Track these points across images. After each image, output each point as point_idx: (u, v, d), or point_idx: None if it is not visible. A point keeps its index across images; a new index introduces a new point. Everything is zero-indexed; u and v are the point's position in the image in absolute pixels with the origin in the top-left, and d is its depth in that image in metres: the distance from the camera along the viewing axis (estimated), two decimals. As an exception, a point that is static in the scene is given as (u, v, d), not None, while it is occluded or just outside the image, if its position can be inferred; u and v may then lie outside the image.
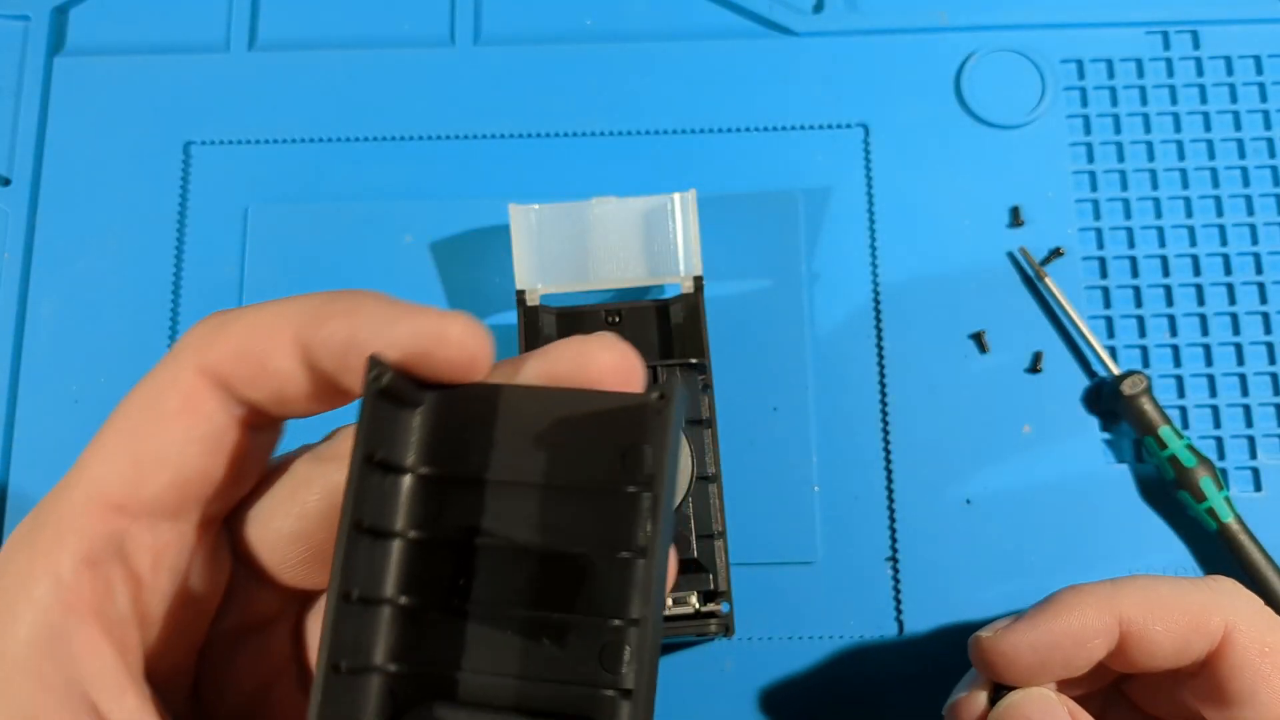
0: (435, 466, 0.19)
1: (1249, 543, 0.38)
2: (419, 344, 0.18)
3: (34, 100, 0.44)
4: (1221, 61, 0.45)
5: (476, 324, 0.19)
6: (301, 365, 0.19)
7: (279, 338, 0.19)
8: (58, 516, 0.19)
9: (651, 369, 0.36)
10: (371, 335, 0.18)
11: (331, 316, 0.19)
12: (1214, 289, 0.42)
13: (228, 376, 0.19)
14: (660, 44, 0.45)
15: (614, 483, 0.19)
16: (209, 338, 0.19)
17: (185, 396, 0.19)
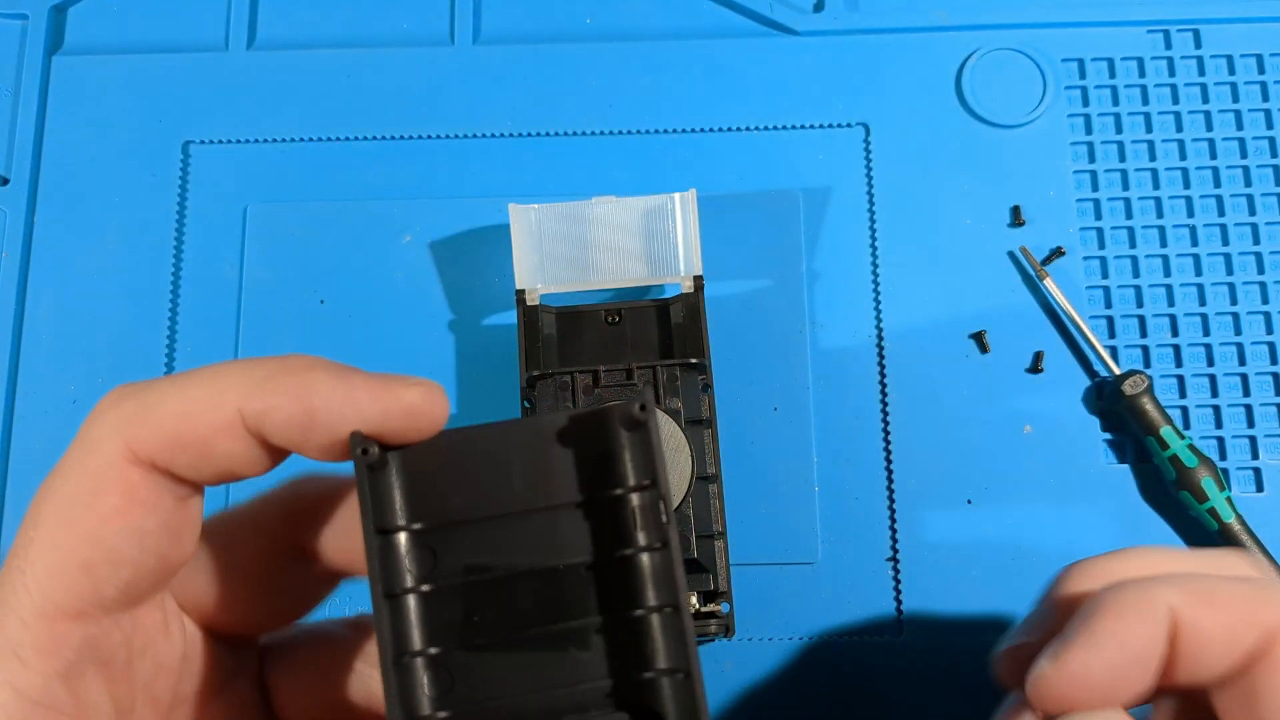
0: (422, 520, 0.19)
1: (1251, 543, 0.38)
2: (384, 418, 0.18)
3: (32, 99, 0.44)
4: (1223, 60, 0.45)
5: (432, 386, 0.19)
6: (248, 443, 0.18)
7: (222, 418, 0.18)
8: (7, 633, 0.17)
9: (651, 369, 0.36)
10: (332, 412, 0.18)
11: (282, 393, 0.18)
12: (1215, 289, 0.42)
13: (169, 463, 0.18)
14: (660, 43, 0.45)
15: (597, 492, 0.20)
16: (136, 420, 0.18)
17: (125, 491, 0.18)
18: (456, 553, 0.20)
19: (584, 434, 0.20)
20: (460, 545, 0.20)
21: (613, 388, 0.36)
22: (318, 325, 0.42)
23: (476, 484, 0.20)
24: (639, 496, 0.19)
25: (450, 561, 0.20)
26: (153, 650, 0.19)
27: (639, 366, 0.36)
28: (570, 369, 0.36)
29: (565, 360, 0.39)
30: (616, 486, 0.19)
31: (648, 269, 0.40)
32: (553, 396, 0.36)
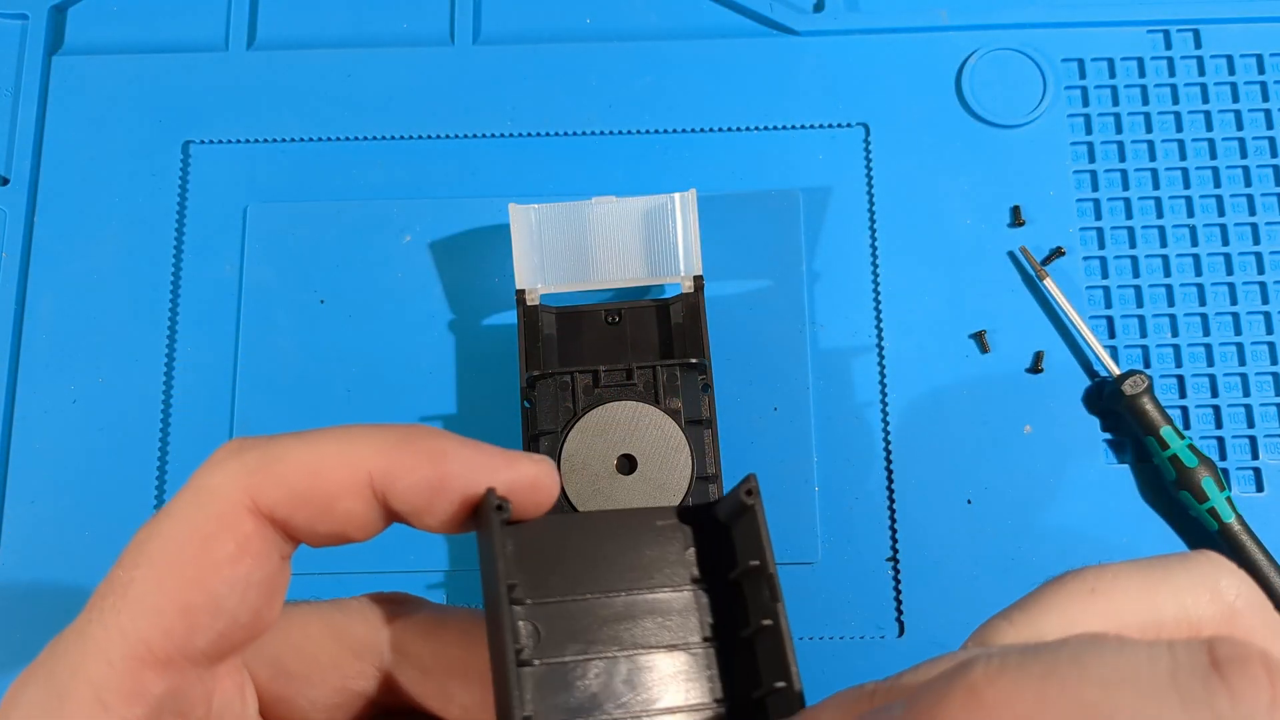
0: (530, 595, 0.20)
1: (1251, 543, 0.38)
2: (509, 489, 0.19)
3: (32, 99, 0.44)
4: (1223, 60, 0.45)
5: (551, 463, 0.20)
6: (370, 505, 0.18)
7: (350, 477, 0.18)
8: (90, 676, 0.17)
9: (651, 369, 0.36)
10: (464, 477, 0.18)
11: (416, 456, 0.18)
12: (1216, 289, 0.42)
13: (286, 518, 0.18)
14: (660, 43, 0.45)
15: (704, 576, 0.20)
16: (260, 473, 0.18)
17: (240, 541, 0.18)
18: (560, 630, 0.20)
19: (689, 520, 0.20)
20: (565, 623, 0.20)
21: (613, 388, 0.36)
22: (318, 325, 0.42)
23: (582, 565, 0.20)
24: (747, 580, 0.20)
25: (555, 639, 0.19)
26: (224, 714, 0.19)
27: (639, 366, 0.36)
28: (570, 369, 0.36)
29: (565, 360, 0.39)
30: (722, 571, 0.20)
31: (648, 269, 0.40)
32: (553, 396, 0.36)
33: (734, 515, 0.20)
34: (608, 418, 0.35)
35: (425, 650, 0.20)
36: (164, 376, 0.42)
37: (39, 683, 0.17)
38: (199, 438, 0.41)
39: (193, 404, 0.41)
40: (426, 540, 0.40)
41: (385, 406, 0.41)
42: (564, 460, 0.35)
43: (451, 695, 0.20)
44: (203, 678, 0.18)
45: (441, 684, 0.20)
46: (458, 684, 0.20)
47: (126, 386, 0.42)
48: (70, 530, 0.40)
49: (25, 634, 0.39)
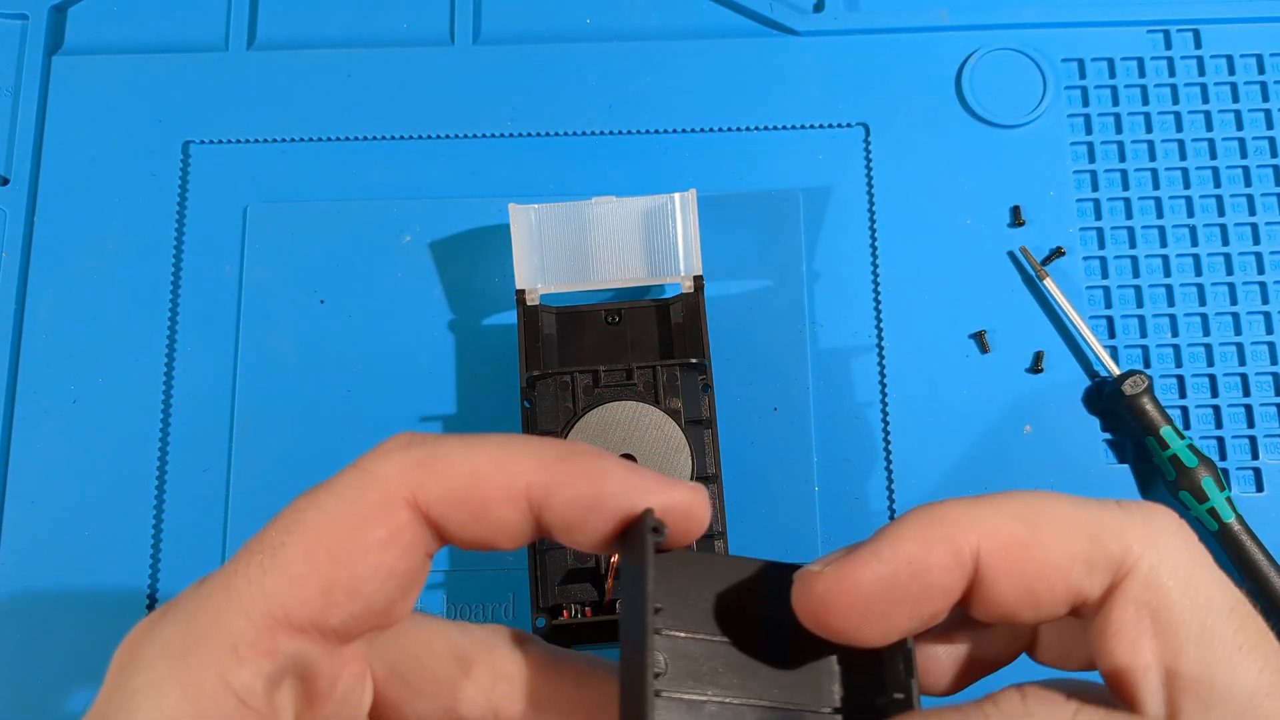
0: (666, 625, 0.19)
1: (1251, 543, 0.38)
2: (665, 513, 0.19)
3: (32, 99, 0.44)
4: (1223, 60, 0.45)
5: (705, 495, 0.20)
6: (523, 515, 0.19)
7: (509, 488, 0.18)
8: (228, 627, 0.17)
9: (651, 369, 0.36)
10: (620, 497, 0.19)
11: (576, 473, 0.19)
12: (1215, 289, 0.42)
13: (440, 517, 0.19)
14: (660, 44, 0.45)
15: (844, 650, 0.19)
16: (424, 471, 0.18)
17: (393, 531, 0.18)
18: (686, 668, 0.19)
19: None
20: (692, 662, 0.19)
21: (613, 388, 0.36)
22: (318, 325, 0.42)
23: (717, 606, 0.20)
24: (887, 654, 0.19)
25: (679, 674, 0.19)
26: (346, 702, 0.19)
27: (639, 366, 0.36)
28: (570, 369, 0.36)
29: (565, 360, 0.39)
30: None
31: (648, 269, 0.40)
32: (553, 396, 0.36)
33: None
34: (608, 418, 0.35)
35: (541, 686, 0.20)
36: (164, 376, 0.42)
37: (178, 621, 0.18)
38: (199, 438, 0.41)
39: (193, 404, 0.41)
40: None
41: (385, 406, 0.41)
42: (564, 460, 0.35)
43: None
44: (330, 654, 0.18)
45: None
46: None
47: (126, 386, 0.42)
48: (70, 530, 0.40)
49: (25, 634, 0.39)
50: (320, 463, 0.40)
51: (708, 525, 0.20)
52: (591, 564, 0.34)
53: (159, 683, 0.17)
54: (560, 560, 0.34)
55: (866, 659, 0.19)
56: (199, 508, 0.40)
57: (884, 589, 0.18)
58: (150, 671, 0.17)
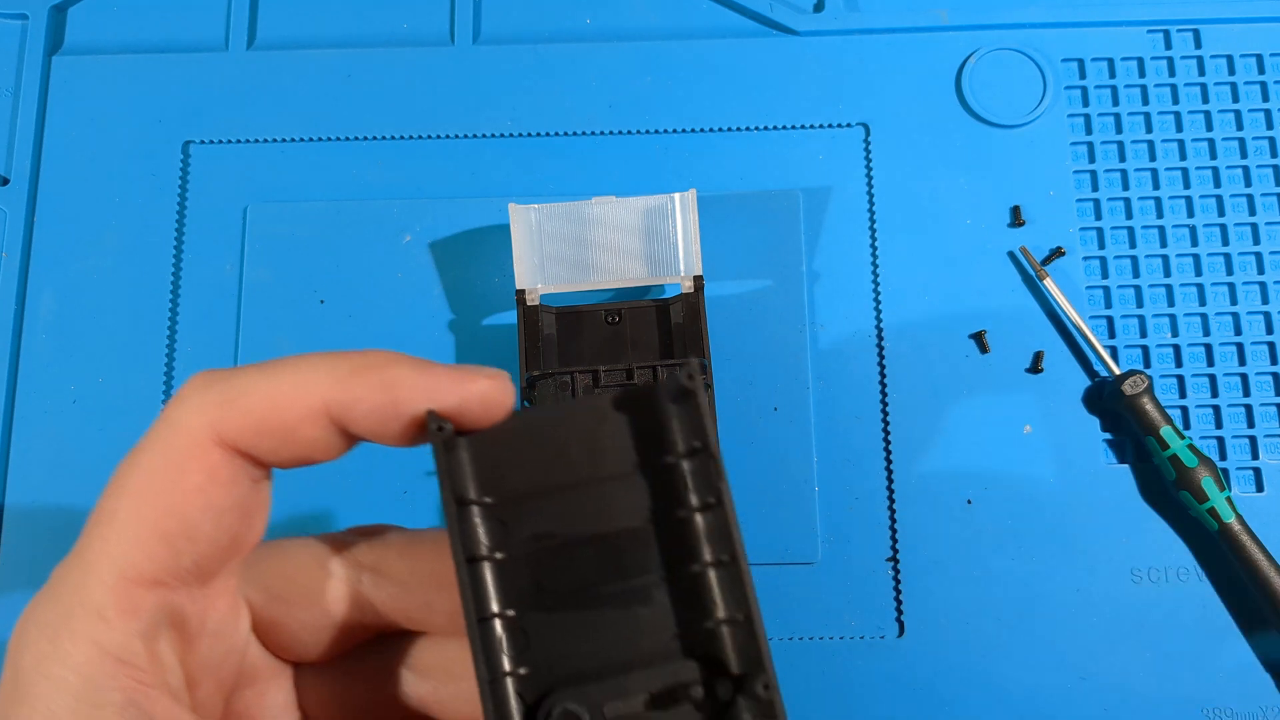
0: (491, 495, 0.21)
1: (1250, 543, 0.38)
2: (461, 405, 0.20)
3: (32, 99, 0.44)
4: (1223, 60, 0.45)
5: (502, 375, 0.20)
6: (329, 430, 0.20)
7: (307, 407, 0.19)
8: (89, 597, 0.18)
9: (652, 369, 0.36)
10: (415, 401, 0.20)
11: (369, 385, 0.19)
12: (1216, 289, 0.42)
13: (251, 447, 0.19)
14: (660, 44, 0.45)
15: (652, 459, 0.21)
16: (223, 405, 0.19)
17: (208, 471, 0.19)
18: (524, 524, 0.21)
19: (637, 408, 0.21)
20: (527, 517, 0.21)
21: (613, 388, 0.36)
22: (318, 325, 0.42)
23: (539, 461, 0.21)
24: (690, 461, 0.21)
25: (519, 532, 0.21)
26: (221, 634, 0.20)
27: (639, 366, 0.36)
28: (570, 369, 0.36)
29: (565, 360, 0.39)
30: (669, 453, 0.21)
31: (648, 269, 0.40)
32: (553, 397, 0.36)
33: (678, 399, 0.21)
34: (608, 418, 0.35)
35: (402, 567, 0.22)
36: (164, 376, 0.42)
37: (49, 600, 0.19)
38: (199, 438, 0.41)
39: (193, 404, 0.41)
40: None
41: (385, 406, 0.41)
42: (564, 460, 0.35)
43: (433, 605, 0.21)
44: (194, 596, 0.20)
45: (421, 597, 0.21)
46: (436, 594, 0.21)
47: (126, 386, 0.42)
48: (70, 530, 0.40)
49: (25, 634, 0.39)
50: (320, 463, 0.40)
51: (510, 406, 0.21)
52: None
53: (43, 660, 0.18)
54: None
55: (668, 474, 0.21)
56: (199, 508, 0.40)
57: None
58: (33, 650, 0.18)
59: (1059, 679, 0.39)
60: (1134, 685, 0.39)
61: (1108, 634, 0.39)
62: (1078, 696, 0.39)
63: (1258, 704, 0.39)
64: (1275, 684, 0.39)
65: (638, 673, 0.21)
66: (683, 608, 0.21)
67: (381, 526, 0.23)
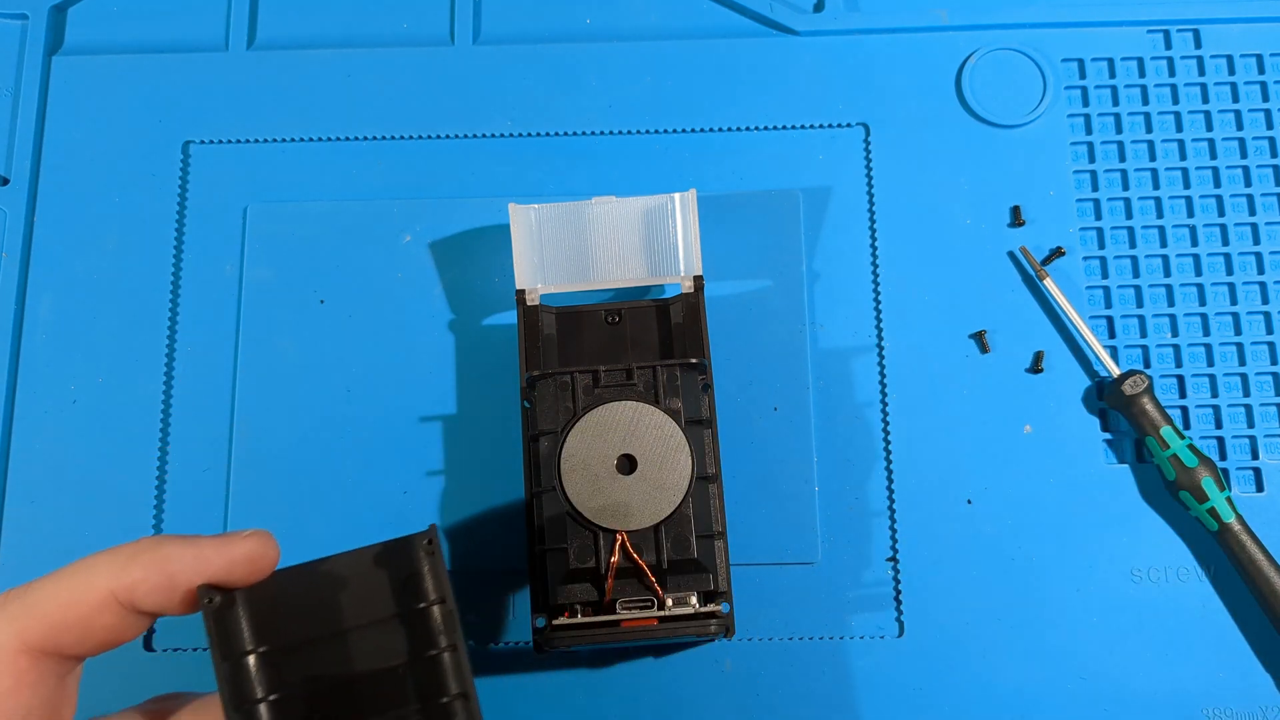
0: (267, 643, 0.24)
1: (1251, 543, 0.38)
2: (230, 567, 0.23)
3: (32, 99, 0.44)
4: (1223, 60, 0.45)
5: (264, 535, 0.24)
6: (122, 614, 0.23)
7: (97, 599, 0.23)
8: None
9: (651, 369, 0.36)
10: (188, 573, 0.23)
11: (145, 567, 0.23)
12: (1216, 289, 0.42)
13: (55, 645, 0.23)
14: (660, 43, 0.45)
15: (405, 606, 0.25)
16: (22, 619, 0.22)
17: (14, 675, 0.22)
18: (299, 667, 0.25)
19: (393, 561, 0.25)
20: (299, 659, 0.25)
21: (613, 388, 0.36)
22: (318, 325, 0.42)
23: (311, 610, 0.25)
24: (438, 609, 0.25)
25: (294, 674, 0.25)
26: None
27: (639, 366, 0.36)
28: (570, 369, 0.36)
29: (565, 360, 0.39)
30: (420, 601, 0.25)
31: (647, 269, 0.40)
32: (553, 396, 0.36)
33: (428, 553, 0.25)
34: (608, 418, 0.35)
35: None
36: (164, 376, 0.42)
37: None
38: (199, 438, 0.41)
39: (193, 404, 0.41)
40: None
41: (385, 406, 0.41)
42: (564, 460, 0.35)
43: None
44: None
45: None
46: None
47: (126, 386, 0.42)
48: (70, 530, 0.40)
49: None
50: (320, 462, 0.40)
51: (274, 557, 0.24)
52: (591, 564, 0.34)
53: None
54: (560, 560, 0.34)
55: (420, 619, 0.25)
56: (199, 508, 0.40)
57: None
58: None
59: (1059, 679, 0.39)
60: (1134, 685, 0.39)
61: (1108, 634, 0.39)
62: (1078, 696, 0.39)
63: (1258, 704, 0.39)
64: (1275, 684, 0.39)
65: None
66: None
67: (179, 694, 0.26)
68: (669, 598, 0.34)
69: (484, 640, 0.39)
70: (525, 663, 0.39)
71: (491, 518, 0.40)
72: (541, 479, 0.35)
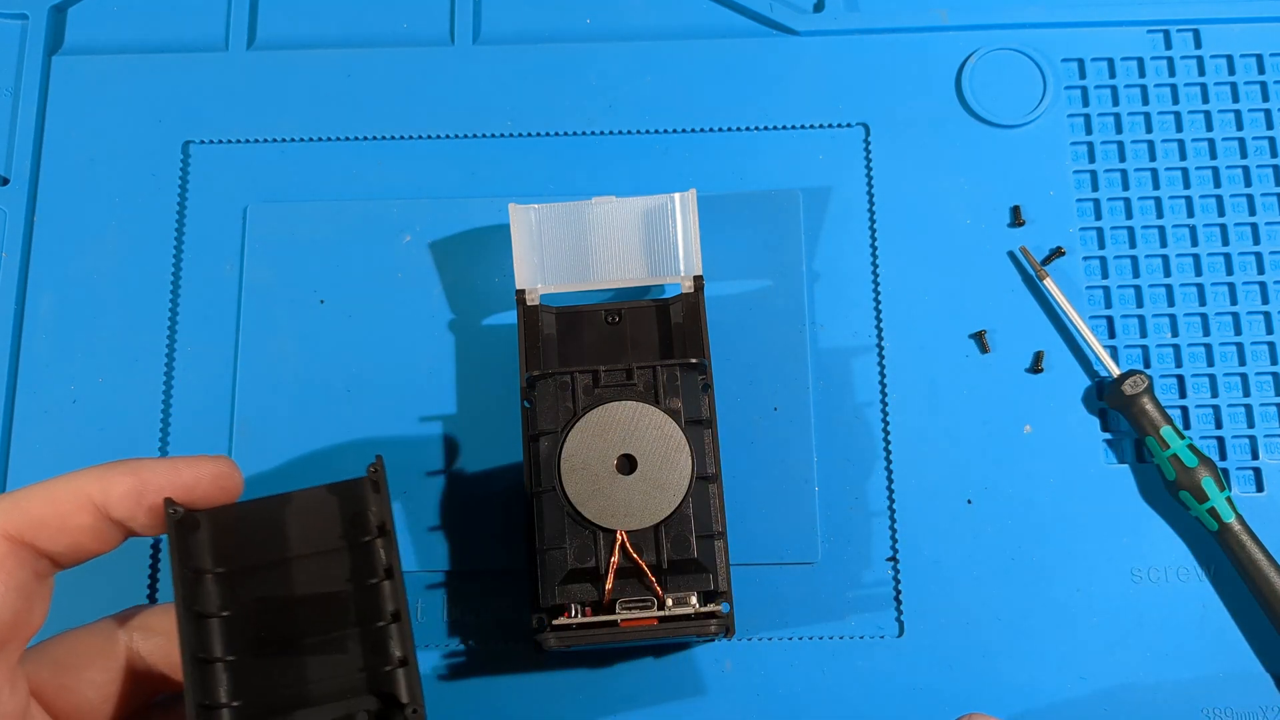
0: (225, 565, 0.27)
1: (1251, 543, 0.38)
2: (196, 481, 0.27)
3: (32, 99, 0.44)
4: (1223, 60, 0.45)
5: (227, 460, 0.28)
6: (96, 517, 0.26)
7: (74, 499, 0.25)
8: None
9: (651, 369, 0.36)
10: (159, 480, 0.26)
11: (119, 472, 0.26)
12: (1215, 289, 0.42)
13: (33, 538, 0.25)
14: (660, 43, 0.45)
15: (352, 539, 0.28)
16: (7, 510, 0.25)
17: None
18: (251, 589, 0.27)
19: (345, 496, 0.28)
20: (254, 583, 0.27)
21: (613, 388, 0.36)
22: (318, 325, 0.42)
23: (266, 539, 0.28)
24: (380, 541, 0.28)
25: (246, 595, 0.27)
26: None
27: (639, 366, 0.36)
28: (570, 369, 0.36)
29: (565, 360, 0.39)
30: (365, 535, 0.28)
31: (648, 269, 0.40)
32: (553, 396, 0.36)
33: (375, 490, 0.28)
34: (608, 418, 0.35)
35: (163, 621, 0.28)
36: (164, 376, 0.42)
37: None
38: (199, 438, 0.41)
39: (193, 404, 0.41)
40: (427, 543, 0.40)
41: (385, 406, 0.41)
42: (564, 460, 0.35)
43: None
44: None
45: None
46: None
47: (126, 386, 0.42)
48: (70, 530, 0.40)
49: (25, 634, 0.39)
50: (320, 462, 0.40)
51: (237, 479, 0.28)
52: (591, 564, 0.34)
53: None
54: (560, 560, 0.34)
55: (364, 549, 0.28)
56: (199, 508, 0.40)
57: None
58: None
59: (1059, 679, 0.39)
60: (1134, 685, 0.39)
61: (1108, 634, 0.39)
62: (1078, 696, 0.39)
63: (1258, 704, 0.39)
64: (1275, 684, 0.39)
65: (330, 704, 0.27)
66: (370, 655, 0.28)
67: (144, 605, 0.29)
68: (669, 598, 0.34)
69: (484, 640, 0.39)
70: (525, 663, 0.39)
71: (491, 518, 0.40)
72: (541, 479, 0.35)
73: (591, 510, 0.34)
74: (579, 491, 0.35)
